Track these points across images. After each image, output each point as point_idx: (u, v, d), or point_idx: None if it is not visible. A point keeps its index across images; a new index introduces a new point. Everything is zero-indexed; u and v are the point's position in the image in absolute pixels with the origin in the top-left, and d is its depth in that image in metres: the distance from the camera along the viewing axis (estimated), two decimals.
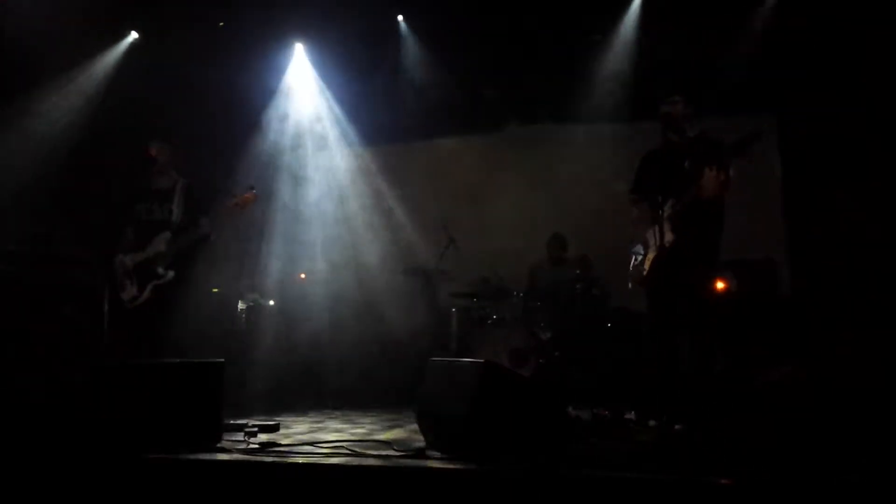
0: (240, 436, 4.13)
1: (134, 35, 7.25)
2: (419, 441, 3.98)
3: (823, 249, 5.97)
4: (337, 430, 4.67)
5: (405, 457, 3.61)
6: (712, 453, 3.59)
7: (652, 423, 4.52)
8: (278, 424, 4.58)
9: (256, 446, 3.86)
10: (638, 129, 6.32)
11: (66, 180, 6.40)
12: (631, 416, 4.77)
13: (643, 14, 6.64)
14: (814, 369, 5.11)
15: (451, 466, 3.33)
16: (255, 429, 4.23)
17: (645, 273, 4.51)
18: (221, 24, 6.99)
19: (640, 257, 4.60)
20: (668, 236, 4.35)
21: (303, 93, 7.91)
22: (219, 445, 3.93)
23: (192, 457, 3.61)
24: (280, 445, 3.90)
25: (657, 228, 4.37)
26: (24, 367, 4.87)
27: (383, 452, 3.72)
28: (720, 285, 5.84)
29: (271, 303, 7.28)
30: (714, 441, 3.91)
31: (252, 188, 5.50)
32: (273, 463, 3.50)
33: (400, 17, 7.23)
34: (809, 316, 5.89)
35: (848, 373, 5.20)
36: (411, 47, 7.28)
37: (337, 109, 7.98)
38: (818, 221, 6.07)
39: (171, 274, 5.29)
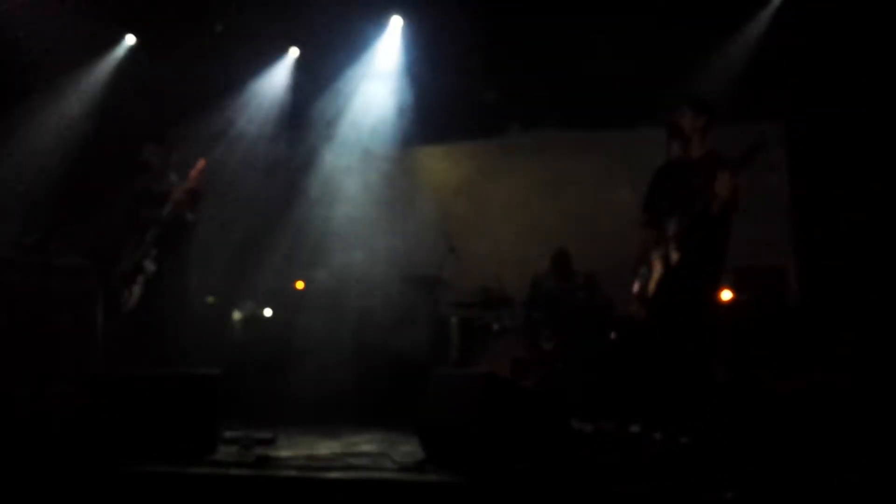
0: (236, 448, 4.07)
1: (131, 39, 7.21)
2: (419, 454, 3.90)
3: (832, 255, 5.92)
4: (335, 443, 4.59)
5: (405, 470, 3.56)
6: (717, 466, 3.53)
7: (657, 435, 4.45)
8: (275, 437, 4.50)
9: (252, 459, 3.79)
10: (644, 136, 6.25)
11: (62, 186, 6.36)
12: (636, 428, 4.70)
13: (650, 18, 6.57)
14: (821, 374, 5.07)
15: (452, 479, 3.29)
16: (252, 441, 4.17)
17: (650, 294, 4.47)
18: (219, 27, 6.96)
19: (645, 279, 4.55)
20: (674, 255, 4.31)
21: (302, 94, 7.84)
22: (214, 458, 3.87)
23: (186, 469, 3.56)
24: (276, 459, 3.83)
25: (663, 248, 4.34)
26: (16, 377, 4.82)
27: (383, 466, 3.67)
28: (727, 295, 5.77)
29: (268, 312, 7.21)
30: (719, 453, 3.85)
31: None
32: (269, 476, 3.45)
33: (399, 18, 7.18)
34: (819, 323, 5.83)
35: (854, 376, 5.15)
36: (410, 49, 7.23)
37: (334, 112, 7.93)
38: (826, 226, 6.02)
39: (152, 266, 5.16)
